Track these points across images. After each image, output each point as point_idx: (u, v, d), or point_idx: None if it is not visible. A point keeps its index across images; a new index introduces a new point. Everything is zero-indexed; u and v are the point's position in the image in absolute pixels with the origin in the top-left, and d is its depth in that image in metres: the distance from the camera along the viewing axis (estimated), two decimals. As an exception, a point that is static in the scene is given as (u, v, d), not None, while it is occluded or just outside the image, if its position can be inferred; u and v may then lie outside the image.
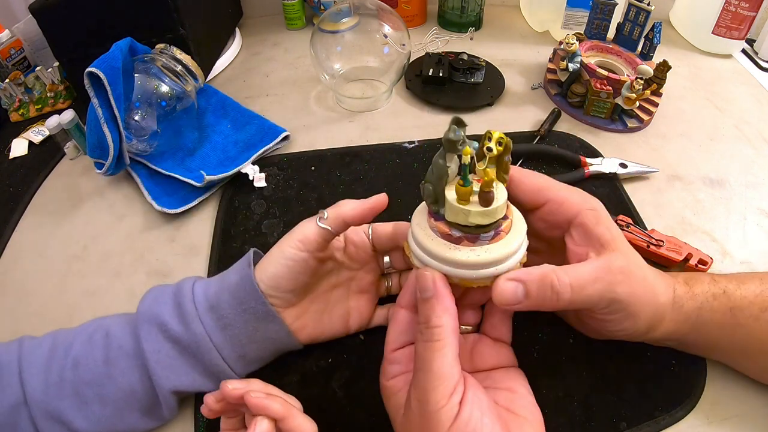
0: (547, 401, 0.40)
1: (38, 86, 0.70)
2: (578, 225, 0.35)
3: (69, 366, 0.36)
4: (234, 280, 0.38)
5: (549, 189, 0.37)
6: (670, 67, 0.64)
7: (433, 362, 0.30)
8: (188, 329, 0.36)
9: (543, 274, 0.32)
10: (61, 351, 0.36)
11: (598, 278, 0.33)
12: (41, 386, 0.35)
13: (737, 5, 0.73)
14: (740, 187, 0.59)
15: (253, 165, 0.59)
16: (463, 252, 0.31)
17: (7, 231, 0.55)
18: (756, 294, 0.37)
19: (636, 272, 0.34)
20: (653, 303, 0.35)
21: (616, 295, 0.33)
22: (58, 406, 0.35)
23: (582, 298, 0.32)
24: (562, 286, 0.32)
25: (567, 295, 0.32)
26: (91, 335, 0.37)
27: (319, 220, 0.37)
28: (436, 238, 0.32)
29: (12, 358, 0.36)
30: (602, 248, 0.34)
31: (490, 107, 0.69)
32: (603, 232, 0.34)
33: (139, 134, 0.56)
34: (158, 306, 0.38)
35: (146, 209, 0.56)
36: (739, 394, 0.41)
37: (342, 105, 0.70)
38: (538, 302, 0.32)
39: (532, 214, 0.38)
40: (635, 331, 0.36)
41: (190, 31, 0.64)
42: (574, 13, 0.77)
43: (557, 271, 0.32)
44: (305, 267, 0.37)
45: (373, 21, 0.66)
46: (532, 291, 0.31)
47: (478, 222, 0.31)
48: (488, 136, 0.32)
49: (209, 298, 0.37)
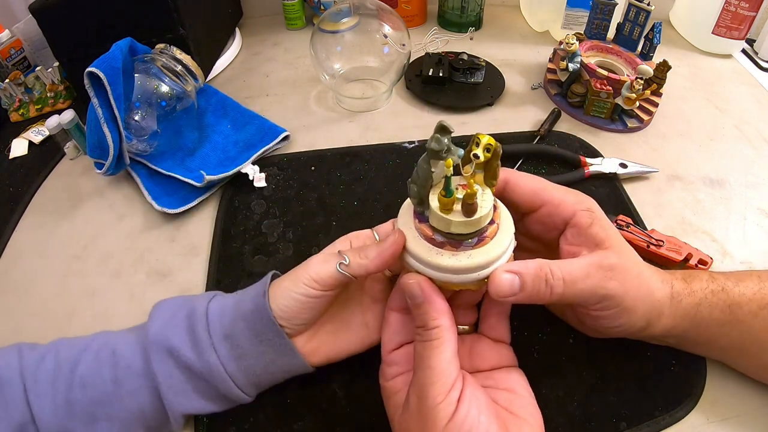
0: (547, 401, 0.40)
1: (38, 86, 0.70)
2: (573, 225, 0.36)
3: (77, 385, 0.35)
4: (249, 308, 0.36)
5: (545, 191, 0.37)
6: (670, 67, 0.64)
7: (432, 359, 0.30)
8: (201, 358, 0.35)
9: (538, 267, 0.32)
10: (66, 369, 0.35)
11: (589, 274, 0.33)
12: (50, 407, 0.34)
13: (737, 5, 0.73)
14: (740, 187, 0.59)
15: (253, 165, 0.59)
16: (445, 257, 0.31)
17: (7, 231, 0.55)
18: (754, 291, 0.37)
19: (630, 269, 0.35)
20: (649, 299, 0.35)
21: (608, 291, 0.33)
22: (67, 426, 0.34)
23: (573, 293, 0.33)
24: (555, 280, 0.32)
25: (559, 289, 0.32)
26: (97, 353, 0.36)
27: (339, 266, 0.34)
28: (420, 240, 0.32)
29: (13, 375, 0.35)
30: (596, 247, 0.35)
31: (490, 107, 0.69)
32: (597, 232, 0.35)
33: (139, 134, 0.56)
34: (170, 330, 0.36)
35: (146, 209, 0.56)
36: (739, 394, 0.41)
37: (342, 105, 0.70)
38: (532, 295, 0.32)
39: (529, 217, 0.38)
40: (632, 327, 0.36)
41: (190, 31, 0.64)
42: (574, 13, 0.77)
43: (551, 264, 0.33)
44: (318, 303, 0.36)
45: (373, 21, 0.66)
46: (527, 283, 0.32)
47: (460, 231, 0.31)
48: (476, 141, 0.31)
49: (224, 327, 0.36)
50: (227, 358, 0.35)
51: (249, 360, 0.36)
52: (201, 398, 0.36)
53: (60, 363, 0.36)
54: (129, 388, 0.35)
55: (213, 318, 0.36)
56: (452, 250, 0.31)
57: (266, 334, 0.35)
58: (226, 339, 0.36)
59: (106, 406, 0.35)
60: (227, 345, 0.36)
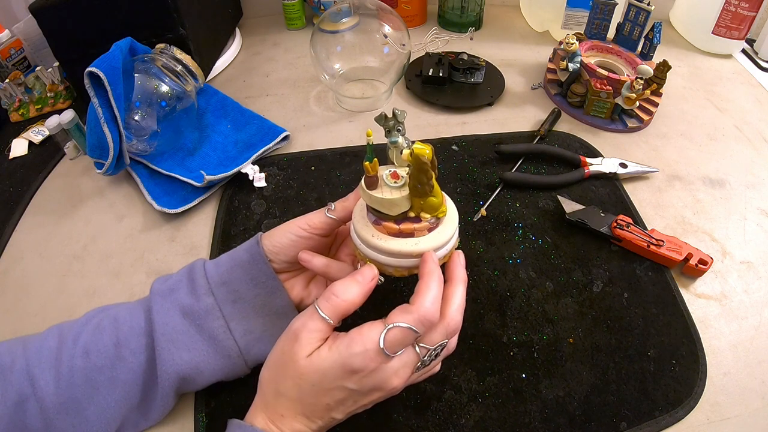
0: (547, 401, 0.40)
1: (38, 86, 0.70)
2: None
3: (79, 354, 0.37)
4: (245, 257, 0.40)
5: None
6: (670, 67, 0.64)
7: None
8: (199, 300, 0.39)
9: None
10: (69, 341, 0.37)
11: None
12: (53, 379, 0.36)
13: (737, 5, 0.73)
14: (740, 187, 0.59)
15: (253, 165, 0.59)
16: (370, 232, 0.35)
17: (7, 231, 0.55)
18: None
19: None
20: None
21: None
22: (70, 396, 0.36)
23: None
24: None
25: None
26: (99, 324, 0.39)
27: (327, 211, 0.40)
28: (363, 215, 0.37)
29: (16, 357, 0.36)
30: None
31: (490, 107, 0.69)
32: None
33: (139, 134, 0.56)
34: (171, 283, 0.40)
35: (146, 209, 0.56)
36: (739, 394, 0.41)
37: (342, 105, 0.70)
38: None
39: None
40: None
41: (190, 31, 0.64)
42: (574, 13, 0.77)
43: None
44: (307, 244, 0.40)
45: (373, 21, 0.66)
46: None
47: (373, 205, 0.34)
48: (415, 149, 0.32)
49: (221, 275, 0.40)
50: (224, 301, 0.39)
51: (244, 303, 0.40)
52: (191, 347, 0.38)
53: (63, 337, 0.38)
54: (131, 348, 0.38)
55: (210, 268, 0.41)
56: (379, 229, 0.35)
57: (260, 278, 0.40)
58: (223, 285, 0.40)
59: (108, 370, 0.37)
60: (224, 289, 0.40)
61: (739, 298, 0.48)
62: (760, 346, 0.44)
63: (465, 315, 0.45)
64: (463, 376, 0.42)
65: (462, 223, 0.53)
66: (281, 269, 0.41)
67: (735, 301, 0.48)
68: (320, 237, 0.41)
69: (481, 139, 0.64)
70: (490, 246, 0.51)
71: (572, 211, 0.53)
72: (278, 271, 0.41)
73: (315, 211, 0.41)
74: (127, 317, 0.39)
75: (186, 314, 0.39)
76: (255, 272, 0.40)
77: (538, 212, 0.55)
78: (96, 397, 0.36)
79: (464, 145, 0.63)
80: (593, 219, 0.52)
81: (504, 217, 0.54)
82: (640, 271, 0.49)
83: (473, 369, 0.42)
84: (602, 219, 0.52)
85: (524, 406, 0.40)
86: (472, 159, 0.61)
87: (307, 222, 0.40)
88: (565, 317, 0.46)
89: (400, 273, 0.36)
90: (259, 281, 0.40)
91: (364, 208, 0.37)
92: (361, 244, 0.36)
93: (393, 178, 0.34)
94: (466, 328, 0.44)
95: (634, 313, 0.46)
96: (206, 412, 0.40)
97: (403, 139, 0.35)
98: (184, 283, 0.40)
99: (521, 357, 0.41)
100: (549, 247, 0.51)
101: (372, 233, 0.35)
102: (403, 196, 0.34)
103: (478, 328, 0.45)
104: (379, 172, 0.35)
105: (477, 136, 0.64)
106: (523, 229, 0.53)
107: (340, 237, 0.45)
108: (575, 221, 0.52)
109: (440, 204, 0.35)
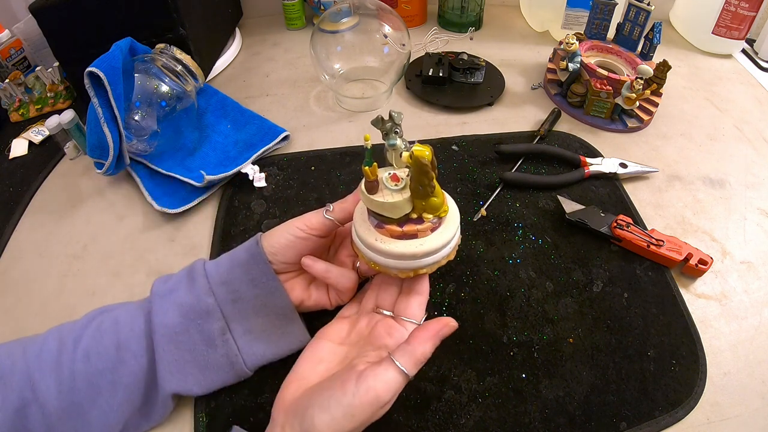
0: (547, 401, 0.40)
1: (38, 86, 0.70)
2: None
3: (80, 358, 0.36)
4: (244, 257, 0.40)
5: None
6: (670, 67, 0.64)
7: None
8: (200, 300, 0.39)
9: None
10: (70, 345, 0.37)
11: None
12: (54, 383, 0.35)
13: (737, 5, 0.73)
14: (740, 187, 0.59)
15: (253, 165, 0.59)
16: (372, 235, 0.35)
17: (7, 231, 0.55)
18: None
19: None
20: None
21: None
22: (72, 400, 0.35)
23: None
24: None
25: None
26: (99, 326, 0.38)
27: (325, 212, 0.40)
28: (364, 217, 0.37)
29: (15, 360, 0.36)
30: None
31: (490, 107, 0.69)
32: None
33: (139, 134, 0.56)
34: (172, 283, 0.40)
35: (146, 209, 0.56)
36: (739, 394, 0.41)
37: (342, 105, 0.70)
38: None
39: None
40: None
41: (190, 31, 0.64)
42: (574, 13, 0.77)
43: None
44: (305, 245, 0.40)
45: (373, 21, 0.66)
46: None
47: (373, 209, 0.35)
48: (414, 151, 0.32)
49: (221, 275, 0.40)
50: (224, 301, 0.39)
51: (243, 303, 0.40)
52: (190, 348, 0.38)
53: (63, 341, 0.37)
54: (132, 350, 0.38)
55: (210, 268, 0.41)
56: (384, 235, 0.35)
57: (260, 278, 0.40)
58: (222, 284, 0.40)
59: (109, 373, 0.36)
60: (224, 289, 0.40)
61: (739, 298, 0.48)
62: (760, 346, 0.44)
63: (465, 315, 0.46)
64: (463, 376, 0.42)
65: (462, 223, 0.53)
66: (281, 270, 0.41)
67: (735, 301, 0.48)
68: (318, 238, 0.41)
69: (481, 139, 0.64)
70: (490, 246, 0.51)
71: (572, 211, 0.53)
72: (278, 272, 0.41)
73: (313, 212, 0.41)
74: (127, 319, 0.39)
75: (185, 314, 0.38)
76: (255, 272, 0.40)
77: (538, 212, 0.55)
78: (98, 400, 0.36)
79: (464, 145, 0.63)
80: (593, 219, 0.52)
81: (504, 217, 0.54)
82: (640, 271, 0.49)
83: (473, 369, 0.42)
84: (602, 219, 0.52)
85: (524, 406, 0.40)
86: (472, 159, 0.61)
87: (304, 223, 0.40)
88: (565, 317, 0.46)
89: (405, 274, 0.36)
90: (258, 281, 0.40)
91: (364, 211, 0.37)
92: (363, 248, 0.36)
93: (393, 181, 0.34)
94: (466, 328, 0.45)
95: (634, 313, 0.46)
96: (206, 412, 0.40)
97: (401, 141, 0.35)
98: (184, 283, 0.40)
99: (521, 357, 0.41)
100: (549, 247, 0.51)
101: (375, 236, 0.35)
102: (405, 199, 0.34)
103: (478, 328, 0.45)
104: (379, 175, 0.35)
105: (477, 136, 0.64)
106: (523, 229, 0.53)
107: (339, 237, 0.45)
108: (575, 221, 0.52)
109: (442, 203, 0.35)
